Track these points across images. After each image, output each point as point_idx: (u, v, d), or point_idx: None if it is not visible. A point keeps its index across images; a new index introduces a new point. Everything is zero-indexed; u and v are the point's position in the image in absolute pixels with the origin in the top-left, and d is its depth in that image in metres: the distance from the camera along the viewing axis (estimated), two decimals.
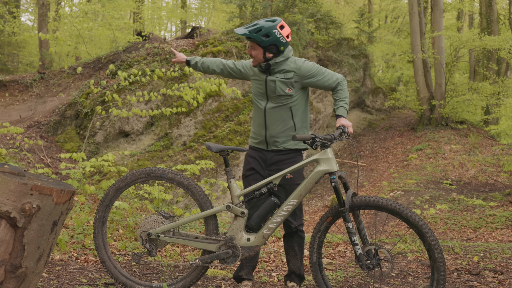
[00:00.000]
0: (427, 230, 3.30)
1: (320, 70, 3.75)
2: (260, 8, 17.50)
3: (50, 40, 8.56)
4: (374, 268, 3.41)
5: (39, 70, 16.77)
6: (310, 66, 3.74)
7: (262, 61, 3.72)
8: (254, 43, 3.67)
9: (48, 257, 2.41)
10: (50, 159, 11.61)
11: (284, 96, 3.76)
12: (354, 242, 3.42)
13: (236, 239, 3.60)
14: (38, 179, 2.34)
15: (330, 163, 3.50)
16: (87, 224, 5.73)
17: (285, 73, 3.75)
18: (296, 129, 3.82)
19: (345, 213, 3.43)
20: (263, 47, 3.66)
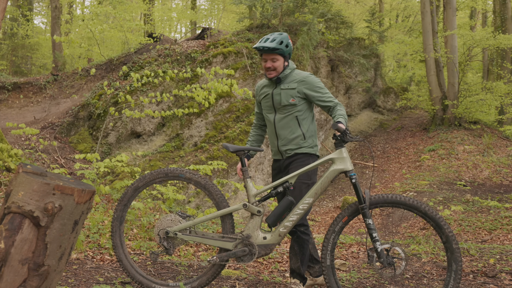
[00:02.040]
0: (444, 223, 3.42)
1: (322, 88, 3.98)
2: (270, 8, 17.51)
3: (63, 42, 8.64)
4: (392, 265, 3.47)
5: (52, 72, 16.91)
6: (313, 80, 4.00)
7: (282, 70, 4.01)
8: (277, 55, 3.95)
9: (69, 255, 2.45)
10: (64, 160, 11.71)
11: (289, 106, 4.00)
12: (374, 239, 3.48)
13: (253, 237, 3.65)
14: (59, 179, 2.38)
15: (345, 162, 3.61)
16: (102, 223, 5.78)
17: (289, 83, 4.02)
18: (305, 137, 4.02)
19: (365, 210, 3.51)
20: (284, 56, 3.98)
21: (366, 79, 20.42)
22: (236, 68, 15.51)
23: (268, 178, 14.73)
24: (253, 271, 4.96)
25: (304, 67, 16.76)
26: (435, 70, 18.60)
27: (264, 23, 17.92)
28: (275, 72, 3.99)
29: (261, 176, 14.44)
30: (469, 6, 26.71)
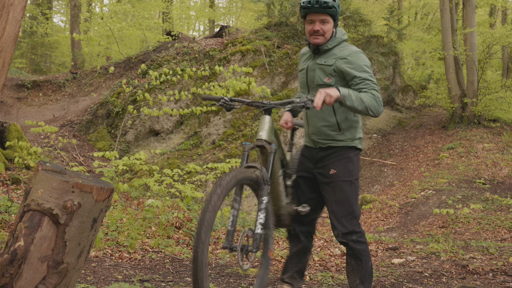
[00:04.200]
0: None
1: (364, 71, 3.18)
2: (288, 6, 17.46)
3: (82, 40, 8.71)
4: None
5: (71, 70, 17.09)
6: (359, 58, 3.23)
7: (330, 36, 3.28)
8: (328, 16, 3.20)
9: (88, 253, 2.46)
10: (83, 158, 11.82)
11: (323, 86, 3.24)
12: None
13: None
14: (78, 177, 2.39)
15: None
16: (120, 221, 5.81)
17: (327, 57, 3.27)
18: (340, 128, 3.30)
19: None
20: (334, 20, 3.26)
21: (385, 77, 20.25)
22: (254, 66, 15.50)
23: None
24: (271, 269, 4.95)
25: None
26: (454, 68, 18.39)
27: (282, 21, 17.88)
28: (323, 38, 3.24)
29: None
30: (489, 3, 26.34)
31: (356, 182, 3.32)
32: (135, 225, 5.55)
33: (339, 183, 3.28)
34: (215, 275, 4.41)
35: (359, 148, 3.38)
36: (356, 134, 3.35)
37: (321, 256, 5.73)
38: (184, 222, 6.10)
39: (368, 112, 3.07)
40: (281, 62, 16.03)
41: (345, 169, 3.29)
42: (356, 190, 3.32)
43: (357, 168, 3.35)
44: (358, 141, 3.37)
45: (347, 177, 3.28)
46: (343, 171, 3.28)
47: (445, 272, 5.12)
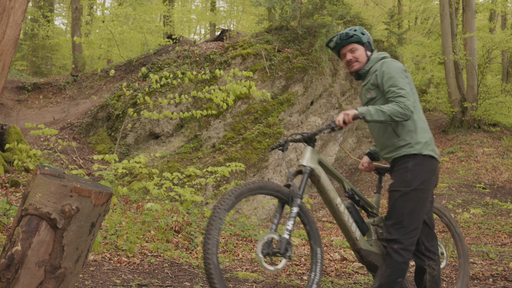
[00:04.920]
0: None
1: (393, 78, 3.33)
2: (289, 10, 17.46)
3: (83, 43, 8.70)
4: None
5: (72, 73, 17.08)
6: (388, 65, 3.40)
7: (366, 60, 3.54)
8: (354, 43, 3.52)
9: (86, 258, 2.44)
10: (83, 160, 11.80)
11: (369, 102, 3.51)
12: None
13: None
14: (77, 181, 2.38)
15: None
16: (119, 225, 5.80)
17: (367, 78, 3.54)
18: (399, 135, 3.38)
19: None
20: (363, 44, 3.53)
21: None
22: (255, 69, 15.50)
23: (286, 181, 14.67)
24: (270, 274, 4.93)
25: (323, 69, 16.70)
26: (454, 72, 18.41)
27: (283, 25, 17.89)
28: (358, 63, 3.53)
29: (279, 178, 14.41)
30: (489, 8, 26.43)
31: (414, 193, 3.28)
32: (134, 229, 5.54)
33: (393, 193, 3.37)
34: None
35: (425, 155, 3.34)
36: (417, 138, 3.35)
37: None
38: (183, 226, 6.09)
39: (394, 119, 3.22)
40: (282, 66, 16.02)
41: (400, 179, 3.34)
42: (413, 200, 3.29)
43: (418, 177, 3.30)
44: (421, 147, 3.34)
45: (400, 187, 3.32)
46: (398, 181, 3.36)
47: (445, 277, 5.11)
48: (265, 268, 3.08)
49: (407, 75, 3.37)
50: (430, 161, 3.33)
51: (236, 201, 3.14)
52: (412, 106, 3.24)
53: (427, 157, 3.34)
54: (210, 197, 12.36)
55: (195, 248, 5.58)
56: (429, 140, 3.36)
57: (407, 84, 3.31)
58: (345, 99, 18.14)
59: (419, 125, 3.38)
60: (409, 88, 3.30)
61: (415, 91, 3.44)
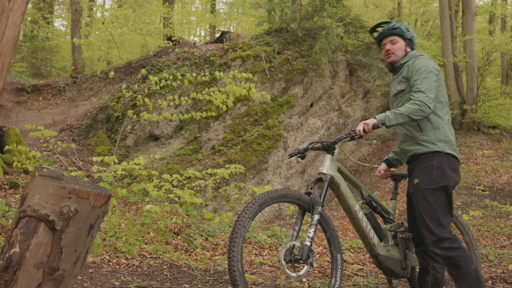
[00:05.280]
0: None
1: (422, 73, 3.38)
2: (289, 12, 17.48)
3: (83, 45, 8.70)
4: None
5: (71, 75, 17.07)
6: (419, 62, 3.46)
7: (403, 55, 3.62)
8: (396, 36, 3.62)
9: (84, 260, 2.44)
10: (82, 162, 11.79)
11: (398, 94, 3.59)
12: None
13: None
14: (75, 183, 2.38)
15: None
16: (118, 227, 5.79)
17: (400, 71, 3.62)
18: (422, 129, 3.41)
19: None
20: (405, 39, 3.64)
21: (385, 83, 20.26)
22: (255, 71, 15.50)
23: (286, 182, 14.67)
24: (269, 276, 4.92)
25: (323, 71, 16.70)
26: (453, 75, 18.42)
27: (283, 27, 17.89)
28: (395, 56, 3.62)
29: (278, 180, 14.40)
30: (488, 11, 26.47)
31: (442, 190, 3.32)
32: (133, 231, 5.53)
33: (422, 191, 3.37)
34: (213, 282, 4.39)
35: (447, 153, 3.38)
36: (440, 136, 3.38)
37: (320, 263, 5.70)
38: (182, 228, 6.08)
39: (413, 118, 3.28)
40: (281, 68, 16.03)
41: (427, 177, 3.36)
42: (443, 197, 3.32)
43: (443, 174, 3.33)
44: (444, 144, 3.37)
45: (429, 185, 3.34)
46: (425, 180, 3.36)
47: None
48: (288, 275, 3.17)
49: (437, 74, 3.41)
50: (453, 160, 3.38)
51: (259, 209, 3.24)
52: (430, 102, 3.28)
53: (450, 155, 3.37)
54: (210, 199, 12.35)
55: (194, 250, 5.57)
56: (452, 140, 3.39)
57: (432, 83, 3.35)
58: (345, 101, 18.14)
59: (444, 124, 3.42)
60: (432, 86, 3.33)
61: (444, 93, 3.48)
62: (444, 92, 3.47)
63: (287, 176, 14.77)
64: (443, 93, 3.47)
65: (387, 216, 3.99)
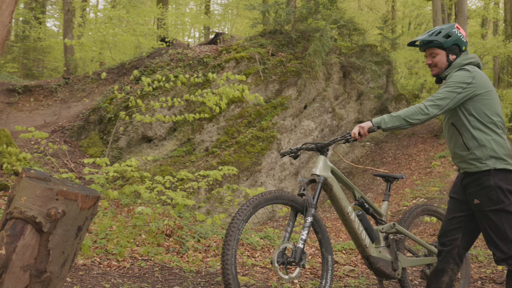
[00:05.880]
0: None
1: (446, 86, 3.31)
2: (283, 14, 17.49)
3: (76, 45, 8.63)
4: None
5: (63, 75, 16.98)
6: (453, 75, 3.37)
7: (446, 65, 3.45)
8: (435, 48, 3.46)
9: (72, 262, 2.41)
10: (74, 164, 11.73)
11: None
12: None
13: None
14: (63, 184, 2.35)
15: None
16: (110, 229, 5.75)
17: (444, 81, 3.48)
18: (469, 148, 3.30)
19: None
20: (445, 48, 3.44)
21: (378, 85, 20.31)
22: (249, 73, 15.49)
23: (279, 184, 14.65)
24: (261, 277, 4.90)
25: (317, 73, 16.71)
26: None
27: (277, 29, 17.90)
28: (437, 69, 3.48)
29: (272, 182, 14.39)
30: (481, 14, 26.63)
31: (507, 208, 3.18)
32: (124, 233, 5.49)
33: (485, 213, 3.25)
34: (205, 283, 4.36)
35: (502, 169, 3.23)
36: (488, 152, 3.25)
37: (312, 264, 5.69)
38: (174, 230, 6.05)
39: (410, 122, 3.25)
40: (275, 70, 16.03)
41: (488, 199, 3.23)
42: (509, 215, 3.19)
43: (503, 193, 3.19)
44: (495, 161, 3.23)
45: (491, 207, 3.22)
46: (486, 202, 3.23)
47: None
48: (281, 277, 3.22)
49: (466, 87, 3.26)
50: (508, 175, 3.24)
51: (253, 211, 3.27)
52: (433, 108, 3.23)
53: (504, 170, 3.24)
54: (203, 201, 12.31)
55: (186, 252, 5.54)
56: (505, 155, 3.24)
57: (451, 93, 3.25)
58: (339, 103, 18.16)
59: (492, 140, 3.27)
60: (448, 96, 3.25)
61: (493, 108, 3.31)
62: (492, 107, 3.31)
63: (281, 178, 14.76)
64: (491, 108, 3.30)
65: (379, 218, 4.02)
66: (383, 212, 4.05)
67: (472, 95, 3.27)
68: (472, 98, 3.28)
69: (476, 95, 3.27)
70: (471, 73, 3.29)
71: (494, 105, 3.31)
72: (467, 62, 3.41)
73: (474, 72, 3.31)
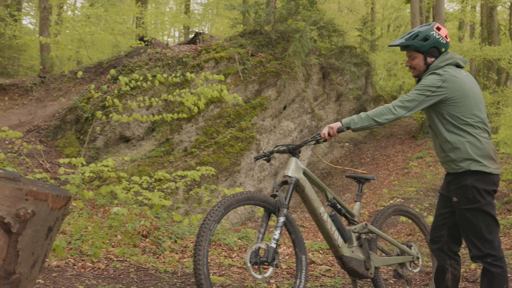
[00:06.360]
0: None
1: (416, 89, 3.34)
2: (263, 15, 17.50)
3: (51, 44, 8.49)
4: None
5: (39, 74, 16.73)
6: (423, 80, 3.39)
7: (424, 68, 3.48)
8: (412, 51, 3.49)
9: (43, 263, 2.37)
10: (50, 164, 11.57)
11: (423, 111, 3.53)
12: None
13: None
14: (33, 185, 2.30)
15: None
16: (85, 230, 5.68)
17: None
18: (445, 150, 3.37)
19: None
20: (423, 52, 3.46)
21: (357, 87, 20.47)
22: (228, 73, 15.47)
23: (258, 185, 14.66)
24: (237, 278, 4.89)
25: (296, 74, 16.76)
26: None
27: (257, 29, 17.91)
28: (415, 71, 3.53)
29: (251, 182, 14.38)
30: (458, 17, 27.05)
31: (483, 208, 3.26)
32: (100, 234, 5.43)
33: (462, 211, 3.34)
34: (181, 284, 4.33)
35: (477, 171, 3.27)
36: (462, 155, 3.29)
37: (289, 264, 5.69)
38: (151, 231, 6.00)
39: (378, 122, 3.29)
40: (255, 70, 16.04)
41: (464, 197, 3.31)
42: (484, 215, 3.28)
43: (480, 193, 3.27)
44: (469, 162, 3.27)
45: (467, 205, 3.30)
46: (462, 200, 3.32)
47: (405, 280, 5.14)
48: (254, 277, 3.23)
49: (435, 91, 3.28)
50: (484, 176, 3.29)
51: (225, 212, 3.28)
52: (400, 109, 3.27)
53: (481, 172, 3.28)
54: (181, 202, 12.25)
55: (163, 252, 5.50)
56: (481, 156, 3.27)
57: (419, 95, 3.29)
58: (318, 104, 18.24)
59: (466, 142, 3.30)
60: (416, 98, 3.29)
61: (469, 111, 3.31)
62: (467, 108, 3.31)
63: (260, 179, 14.77)
64: (465, 110, 3.31)
65: (351, 218, 4.06)
66: (355, 212, 4.10)
67: (443, 99, 3.30)
68: (444, 101, 3.31)
69: (447, 99, 3.30)
70: (441, 77, 3.31)
71: (470, 106, 3.31)
72: (444, 64, 3.41)
73: (446, 75, 3.32)
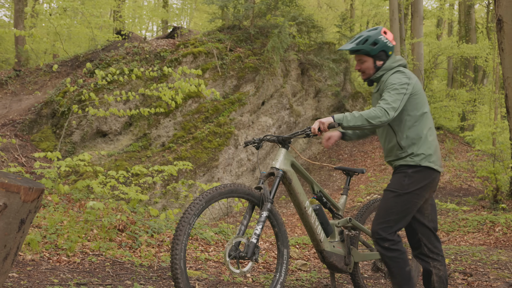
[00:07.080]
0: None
1: (394, 89, 3.38)
2: (242, 10, 17.49)
3: (26, 36, 8.37)
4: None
5: (14, 67, 16.47)
6: (392, 78, 3.47)
7: (374, 71, 3.58)
8: (362, 55, 3.57)
9: (15, 256, 2.35)
10: (25, 158, 11.42)
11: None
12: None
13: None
14: (5, 177, 2.29)
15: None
16: (60, 224, 5.63)
17: (378, 86, 3.63)
18: (402, 146, 3.49)
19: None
20: (373, 56, 3.55)
21: (336, 83, 20.58)
22: (206, 68, 15.43)
23: (236, 180, 14.67)
24: (214, 272, 4.91)
25: (275, 70, 16.79)
26: None
27: (235, 24, 17.90)
28: (365, 74, 3.62)
29: (229, 178, 14.40)
30: (436, 15, 27.35)
31: (407, 196, 3.39)
32: (75, 228, 5.39)
33: (386, 192, 3.49)
34: (156, 278, 4.33)
35: (424, 166, 3.43)
36: (418, 150, 3.44)
37: (265, 259, 5.73)
38: (127, 225, 5.98)
39: (372, 123, 3.28)
40: (233, 66, 16.03)
41: (397, 182, 3.46)
42: (403, 203, 3.39)
43: (414, 183, 3.40)
44: (422, 158, 3.43)
45: (395, 189, 3.44)
46: (394, 183, 3.48)
47: (383, 274, 5.21)
48: (232, 271, 3.20)
49: (407, 88, 3.39)
50: (429, 171, 3.44)
51: (206, 205, 3.19)
52: (392, 111, 3.31)
53: (427, 168, 3.44)
54: (159, 197, 12.21)
55: (139, 246, 5.49)
56: (433, 153, 3.45)
57: (399, 95, 3.35)
58: (296, 100, 18.31)
59: (423, 138, 3.47)
60: (398, 98, 3.35)
61: (421, 104, 3.48)
62: (422, 105, 3.49)
63: (238, 174, 14.79)
64: (422, 107, 3.48)
65: (336, 212, 4.08)
66: (340, 206, 4.12)
67: (410, 95, 3.44)
68: (409, 98, 3.44)
69: (412, 94, 3.45)
70: (406, 74, 3.45)
71: (424, 103, 3.51)
72: (397, 64, 3.55)
73: (408, 73, 3.48)
